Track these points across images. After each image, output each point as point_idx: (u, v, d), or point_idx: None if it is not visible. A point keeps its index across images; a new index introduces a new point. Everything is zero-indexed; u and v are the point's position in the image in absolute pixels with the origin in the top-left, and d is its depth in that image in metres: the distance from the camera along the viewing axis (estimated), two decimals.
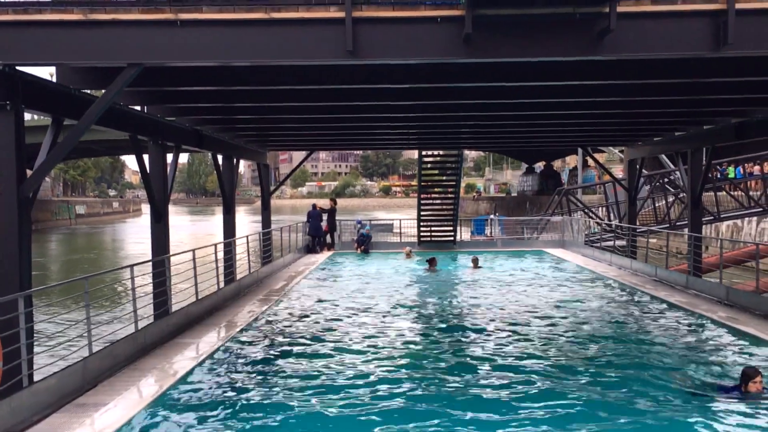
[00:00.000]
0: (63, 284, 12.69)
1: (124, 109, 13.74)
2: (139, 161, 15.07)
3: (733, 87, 13.66)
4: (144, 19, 9.70)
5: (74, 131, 10.72)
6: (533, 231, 32.48)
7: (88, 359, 9.13)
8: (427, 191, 30.11)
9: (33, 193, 10.41)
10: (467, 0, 9.19)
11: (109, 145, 57.98)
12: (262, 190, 27.43)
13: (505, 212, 55.53)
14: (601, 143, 34.98)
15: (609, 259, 22.98)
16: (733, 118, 17.46)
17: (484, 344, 12.08)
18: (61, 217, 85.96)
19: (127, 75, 10.02)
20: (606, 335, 12.76)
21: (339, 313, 14.98)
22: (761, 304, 13.69)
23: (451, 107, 15.99)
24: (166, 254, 14.77)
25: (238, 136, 21.19)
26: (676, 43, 9.89)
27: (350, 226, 30.32)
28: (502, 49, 10.04)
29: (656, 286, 17.44)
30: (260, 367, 10.55)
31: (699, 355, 11.10)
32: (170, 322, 12.15)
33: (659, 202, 31.22)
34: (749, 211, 29.08)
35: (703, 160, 20.47)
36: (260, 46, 9.88)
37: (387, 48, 9.94)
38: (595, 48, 9.86)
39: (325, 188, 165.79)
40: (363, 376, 10.09)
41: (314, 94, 14.04)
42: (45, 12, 9.66)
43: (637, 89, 13.99)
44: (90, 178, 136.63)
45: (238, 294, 16.64)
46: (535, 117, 17.67)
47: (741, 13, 9.49)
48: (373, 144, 30.89)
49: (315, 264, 23.71)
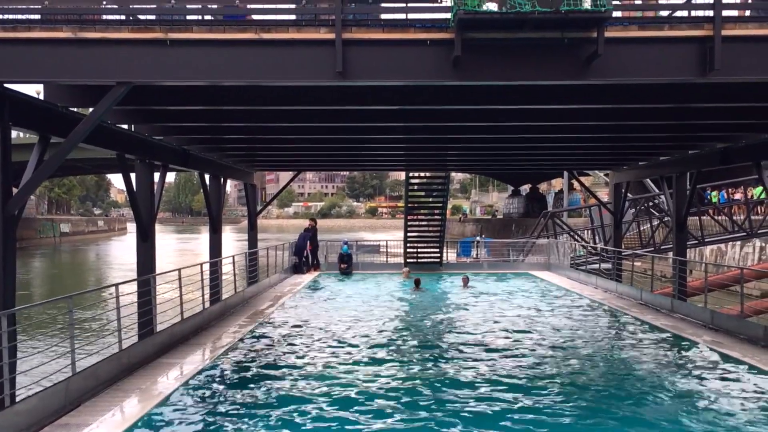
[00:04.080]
0: (47, 303, 12.56)
1: (112, 127, 13.69)
2: (125, 180, 15.00)
3: (719, 112, 13.80)
4: (134, 38, 9.69)
5: (61, 149, 10.65)
6: (519, 253, 32.51)
7: (71, 379, 9.03)
8: (413, 213, 30.12)
9: (18, 211, 10.32)
10: (457, 23, 9.25)
11: (96, 163, 57.83)
12: (248, 210, 27.35)
13: (491, 234, 55.61)
14: (587, 167, 35.18)
15: (594, 282, 23.03)
16: (718, 143, 17.59)
17: (469, 367, 12.02)
18: (46, 236, 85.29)
19: (116, 93, 9.99)
20: (592, 357, 12.75)
21: (324, 335, 14.89)
22: (745, 328, 13.74)
23: (439, 129, 16.04)
24: (151, 273, 14.68)
25: (225, 155, 21.16)
26: (662, 69, 9.99)
27: (336, 246, 30.25)
28: (490, 73, 10.10)
29: (642, 310, 17.47)
30: (244, 388, 10.46)
31: (684, 378, 11.10)
32: (155, 341, 12.06)
33: (644, 226, 31.39)
34: (733, 235, 29.28)
35: (687, 185, 20.60)
36: (250, 66, 9.89)
37: (376, 70, 9.97)
38: (583, 73, 9.92)
39: (312, 209, 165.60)
40: (348, 398, 10.02)
41: (302, 114, 14.05)
42: (34, 30, 9.62)
43: (623, 113, 14.08)
44: (75, 196, 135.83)
45: (224, 314, 16.54)
46: (522, 140, 17.76)
47: (727, 39, 9.59)
48: (360, 165, 30.95)
49: (300, 284, 23.63)
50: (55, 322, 17.85)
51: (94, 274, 48.96)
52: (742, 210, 30.47)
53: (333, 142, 18.28)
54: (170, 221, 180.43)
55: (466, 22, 9.24)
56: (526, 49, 9.83)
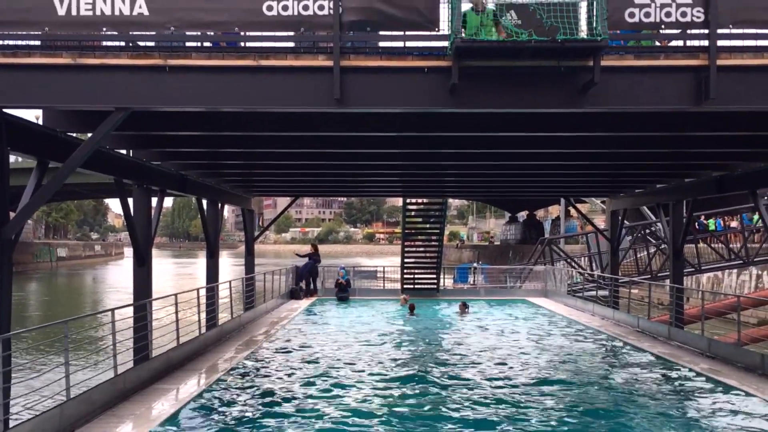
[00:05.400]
0: (42, 327, 12.52)
1: (110, 152, 13.72)
2: (123, 205, 15.01)
3: (715, 141, 13.87)
4: (133, 64, 9.75)
5: (59, 174, 10.66)
6: (516, 280, 32.51)
7: (65, 405, 8.98)
8: (410, 239, 30.12)
9: (15, 236, 10.32)
10: (454, 51, 9.32)
11: (93, 188, 57.73)
12: (246, 235, 27.33)
13: (488, 261, 55.65)
14: (584, 194, 35.23)
15: (591, 309, 22.99)
16: (714, 171, 17.65)
17: (461, 396, 11.98)
18: (42, 260, 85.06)
19: (115, 119, 10.02)
20: (587, 384, 12.70)
21: (320, 360, 14.83)
22: (742, 356, 13.72)
23: (436, 156, 16.10)
24: (148, 298, 14.65)
25: (223, 181, 21.20)
26: (658, 97, 10.06)
27: (333, 272, 30.17)
28: (487, 100, 10.16)
29: (639, 337, 17.44)
30: (240, 414, 10.42)
31: (681, 406, 11.07)
32: (150, 367, 12.01)
33: (641, 253, 31.41)
34: (729, 263, 29.30)
35: (684, 212, 20.66)
36: (248, 93, 9.95)
37: (374, 97, 10.02)
38: (579, 101, 9.99)
39: (309, 234, 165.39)
40: (344, 424, 9.98)
41: (299, 140, 14.10)
42: (34, 55, 9.68)
43: (619, 141, 14.14)
44: (72, 220, 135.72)
45: (220, 339, 16.48)
46: (519, 167, 17.82)
47: (722, 69, 9.67)
48: (358, 191, 31.04)
49: (297, 310, 23.56)
50: (50, 346, 17.75)
51: (90, 298, 48.80)
52: (739, 238, 30.53)
53: (331, 168, 18.32)
54: (167, 246, 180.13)
55: (464, 50, 9.32)
56: (523, 77, 9.90)
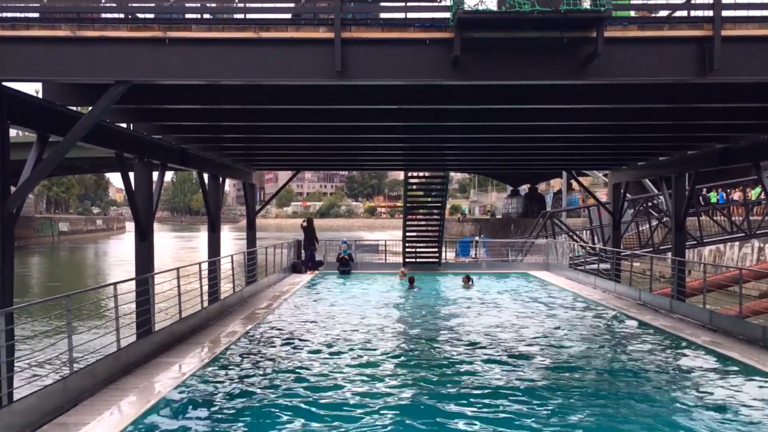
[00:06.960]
0: (45, 302, 12.54)
1: (110, 126, 13.67)
2: (124, 179, 14.99)
3: (718, 113, 13.80)
4: (133, 36, 9.69)
5: (59, 148, 10.65)
6: (518, 253, 32.54)
7: (68, 378, 9.01)
8: (412, 212, 30.12)
9: (17, 210, 10.32)
10: (456, 22, 9.24)
11: (94, 162, 57.71)
12: (247, 209, 27.34)
13: (489, 234, 55.62)
14: (586, 167, 35.20)
15: (593, 282, 23.02)
16: (717, 143, 17.59)
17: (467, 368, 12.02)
18: (44, 234, 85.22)
19: (115, 92, 9.98)
20: (588, 356, 12.74)
21: (322, 333, 14.89)
22: (744, 329, 13.74)
23: (438, 129, 16.03)
24: (150, 272, 14.66)
25: (224, 154, 21.15)
26: (662, 69, 9.99)
27: (335, 246, 30.20)
28: (489, 72, 10.11)
29: (641, 310, 17.47)
30: (242, 387, 10.45)
31: (682, 379, 11.10)
32: (153, 341, 12.04)
33: (643, 226, 31.39)
34: (732, 236, 29.30)
35: (686, 185, 20.61)
36: (249, 65, 9.89)
37: (375, 69, 9.97)
38: (582, 72, 9.92)
39: (310, 208, 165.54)
40: (346, 399, 10.01)
41: (301, 113, 14.05)
42: (33, 28, 9.62)
43: (622, 113, 14.08)
44: (74, 195, 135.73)
45: (222, 313, 16.52)
46: (521, 140, 17.76)
47: (726, 39, 9.60)
48: (359, 165, 30.94)
49: (299, 284, 23.62)
50: (53, 320, 17.83)
51: (92, 272, 48.91)
52: (741, 211, 30.49)
53: (332, 142, 18.27)
54: (169, 220, 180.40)
55: (466, 22, 9.24)
56: (526, 49, 9.83)
